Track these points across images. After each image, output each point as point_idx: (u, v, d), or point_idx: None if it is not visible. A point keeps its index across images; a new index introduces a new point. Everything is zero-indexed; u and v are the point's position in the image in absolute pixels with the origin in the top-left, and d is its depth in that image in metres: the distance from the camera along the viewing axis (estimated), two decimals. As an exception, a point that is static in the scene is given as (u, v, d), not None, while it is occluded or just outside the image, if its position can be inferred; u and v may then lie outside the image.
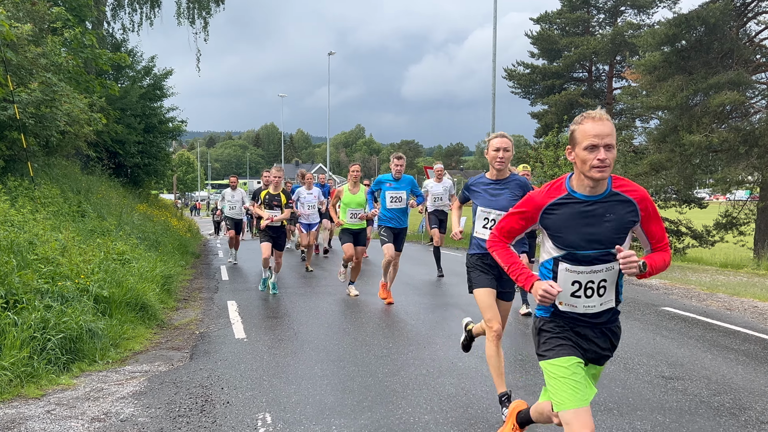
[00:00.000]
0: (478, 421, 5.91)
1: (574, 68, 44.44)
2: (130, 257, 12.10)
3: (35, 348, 7.15)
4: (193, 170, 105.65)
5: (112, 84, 22.41)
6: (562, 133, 33.42)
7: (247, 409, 6.26)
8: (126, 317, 9.47)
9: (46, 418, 5.92)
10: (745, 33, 27.23)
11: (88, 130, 16.65)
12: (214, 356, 8.32)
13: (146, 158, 29.48)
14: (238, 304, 11.95)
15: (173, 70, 31.79)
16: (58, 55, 16.06)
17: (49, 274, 8.65)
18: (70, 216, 13.42)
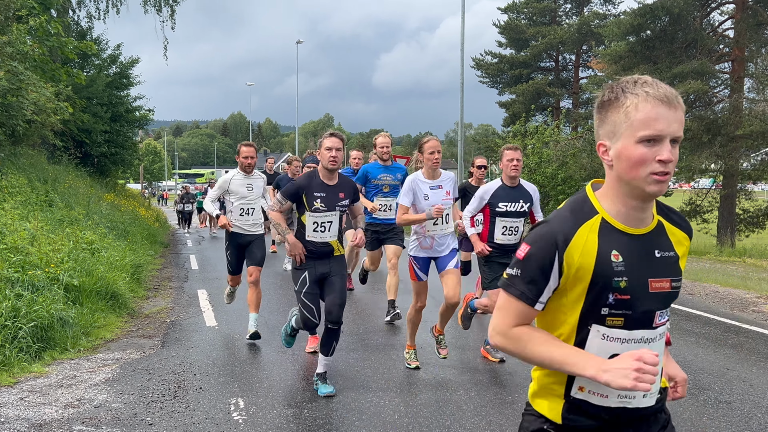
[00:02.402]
0: (447, 402, 6.06)
1: (541, 58, 44.78)
2: (99, 246, 12.08)
3: (7, 336, 7.17)
4: (159, 160, 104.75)
5: (78, 72, 22.24)
6: (530, 123, 33.73)
7: (219, 394, 6.36)
8: (96, 306, 9.48)
9: (20, 405, 5.97)
10: (709, 23, 27.67)
11: (55, 119, 16.54)
12: (185, 344, 8.39)
13: (113, 147, 29.20)
14: (208, 293, 12.00)
15: (140, 59, 31.47)
16: (23, 43, 15.89)
17: (19, 263, 8.64)
18: (38, 205, 13.34)
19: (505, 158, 7.22)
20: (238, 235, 8.47)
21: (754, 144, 25.09)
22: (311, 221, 6.25)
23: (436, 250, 6.87)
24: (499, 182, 7.35)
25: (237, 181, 8.43)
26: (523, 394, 6.36)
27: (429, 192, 6.74)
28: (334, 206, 6.33)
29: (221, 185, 8.52)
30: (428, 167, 6.80)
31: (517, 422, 5.58)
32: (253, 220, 8.49)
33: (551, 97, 43.16)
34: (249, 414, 5.79)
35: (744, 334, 9.08)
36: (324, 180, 6.34)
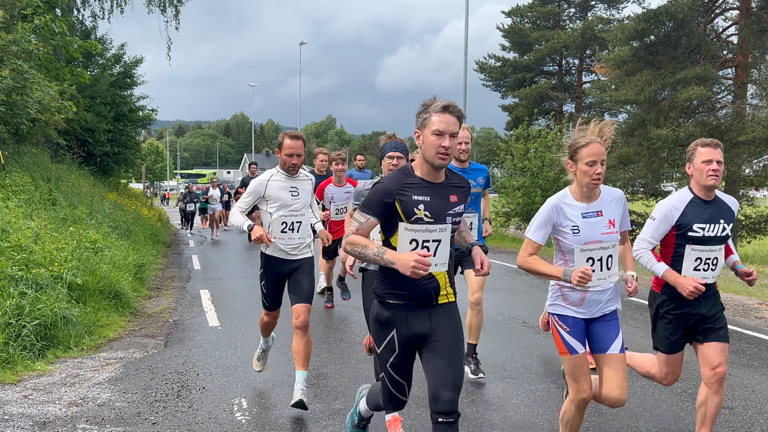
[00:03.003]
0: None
1: (545, 62, 44.81)
2: (102, 246, 12.09)
3: (10, 334, 7.19)
4: (162, 159, 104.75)
5: (82, 72, 22.24)
6: (533, 126, 33.74)
7: (222, 394, 6.37)
8: (100, 305, 9.50)
9: (23, 403, 5.99)
10: (713, 29, 27.71)
11: (59, 118, 16.55)
12: (188, 344, 8.40)
13: (116, 147, 29.22)
14: (210, 293, 12.01)
15: (143, 58, 31.51)
16: (28, 42, 15.91)
17: (23, 261, 8.66)
18: (42, 204, 13.36)
19: (700, 158, 4.85)
20: (277, 260, 6.16)
21: (757, 150, 25.13)
22: (407, 238, 3.88)
23: (588, 309, 4.54)
24: (688, 194, 4.95)
25: (277, 184, 6.10)
26: (524, 398, 6.37)
27: (581, 222, 4.46)
28: (444, 216, 3.92)
29: (256, 189, 6.11)
30: (585, 184, 4.52)
31: (520, 426, 5.59)
32: (300, 238, 6.17)
33: (554, 101, 43.22)
34: (252, 414, 5.81)
35: (746, 340, 9.09)
36: (426, 177, 3.95)
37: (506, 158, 30.80)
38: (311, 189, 6.40)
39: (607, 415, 5.85)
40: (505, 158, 30.90)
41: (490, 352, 7.97)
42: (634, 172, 27.96)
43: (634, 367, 5.30)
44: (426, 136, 3.84)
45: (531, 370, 7.31)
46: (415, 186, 3.89)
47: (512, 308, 10.84)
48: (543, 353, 8.01)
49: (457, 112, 3.89)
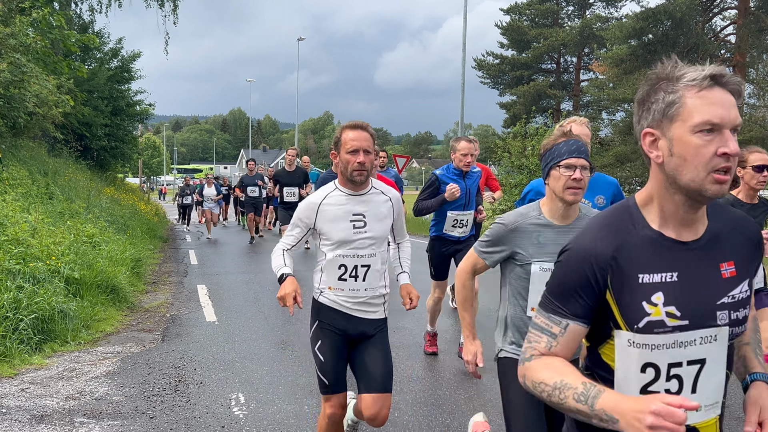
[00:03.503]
0: (446, 401, 6.09)
1: (543, 59, 44.83)
2: (99, 240, 12.09)
3: (8, 328, 7.18)
4: (158, 154, 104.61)
5: (79, 65, 22.19)
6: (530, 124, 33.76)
7: (220, 389, 6.38)
8: (97, 299, 9.49)
9: (21, 396, 5.99)
10: (711, 28, 27.75)
11: (56, 111, 16.52)
12: (185, 338, 8.40)
13: (113, 141, 29.18)
14: (208, 288, 12.01)
15: (141, 53, 31.46)
16: (26, 35, 15.87)
17: (20, 255, 8.65)
18: (39, 198, 13.35)
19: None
20: (337, 314, 4.19)
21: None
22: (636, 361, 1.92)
23: None
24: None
25: (333, 210, 4.10)
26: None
27: None
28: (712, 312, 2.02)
29: (303, 216, 4.18)
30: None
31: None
32: (368, 290, 4.16)
33: (552, 99, 43.21)
34: (250, 409, 5.81)
35: (742, 338, 9.12)
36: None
37: (503, 156, 30.79)
38: (390, 211, 4.22)
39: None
40: (503, 156, 30.89)
41: (486, 348, 7.96)
42: (631, 170, 27.99)
43: None
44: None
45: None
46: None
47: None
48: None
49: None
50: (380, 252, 4.16)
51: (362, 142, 4.01)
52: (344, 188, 4.13)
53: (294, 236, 4.28)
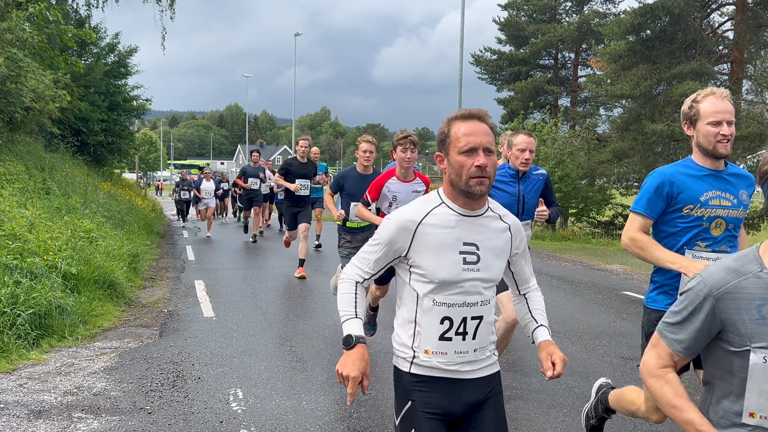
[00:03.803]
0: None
1: (541, 55, 44.73)
2: (96, 235, 12.06)
3: (5, 323, 7.16)
4: (155, 150, 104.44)
5: (76, 60, 22.12)
6: (528, 120, 33.73)
7: (218, 384, 6.36)
8: (94, 294, 9.47)
9: (18, 391, 5.97)
10: (709, 24, 27.72)
11: (53, 106, 16.47)
12: (183, 334, 8.39)
13: (110, 136, 29.12)
14: (205, 284, 11.99)
15: (138, 48, 31.36)
16: (22, 30, 15.82)
17: (18, 250, 8.62)
18: (36, 193, 13.31)
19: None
20: (435, 386, 2.94)
21: (752, 146, 25.16)
22: None
23: None
24: None
25: (440, 233, 2.88)
26: (519, 390, 6.37)
27: None
28: None
29: (393, 238, 2.92)
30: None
31: (514, 418, 5.60)
32: (479, 349, 3.00)
33: (550, 95, 43.15)
34: (248, 405, 5.80)
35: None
36: None
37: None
38: (507, 245, 3.04)
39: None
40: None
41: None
42: (629, 166, 27.98)
43: None
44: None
45: (525, 363, 7.31)
46: None
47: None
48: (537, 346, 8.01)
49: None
50: (493, 298, 3.00)
51: (481, 138, 2.81)
52: (454, 204, 2.88)
53: (374, 262, 2.95)
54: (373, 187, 7.04)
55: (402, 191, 7.06)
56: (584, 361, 7.43)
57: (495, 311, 3.07)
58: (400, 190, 7.07)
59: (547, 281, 12.85)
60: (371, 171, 8.00)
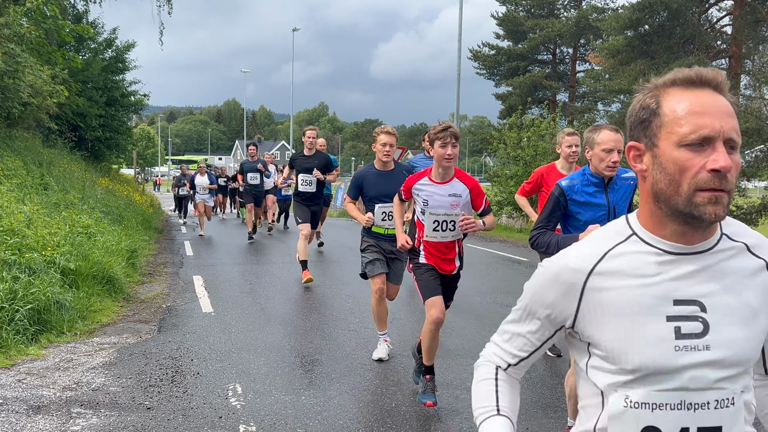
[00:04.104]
0: (443, 391, 6.08)
1: (539, 50, 44.77)
2: (94, 231, 12.05)
3: (4, 318, 7.16)
4: (153, 145, 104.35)
5: (74, 56, 22.07)
6: (526, 115, 33.72)
7: (217, 380, 6.36)
8: (93, 290, 9.47)
9: (17, 387, 5.97)
10: (707, 19, 27.72)
11: (51, 102, 16.45)
12: (182, 329, 8.39)
13: (108, 132, 29.12)
14: (203, 279, 11.99)
15: (136, 43, 31.35)
16: (20, 25, 15.79)
17: (16, 245, 8.62)
18: (34, 189, 13.30)
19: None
20: None
21: (749, 141, 25.17)
22: None
23: None
24: None
25: (634, 289, 1.68)
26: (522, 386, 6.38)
27: None
28: None
29: (555, 298, 1.78)
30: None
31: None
32: None
33: (548, 90, 43.20)
34: (247, 400, 5.80)
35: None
36: None
37: (499, 147, 30.77)
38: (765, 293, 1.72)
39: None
40: (498, 147, 30.87)
41: (484, 341, 7.96)
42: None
43: None
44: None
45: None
46: None
47: (505, 296, 10.85)
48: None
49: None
50: (740, 394, 1.66)
51: (720, 121, 1.68)
52: (657, 236, 1.71)
53: (522, 339, 1.90)
54: (404, 188, 5.91)
55: (435, 195, 5.65)
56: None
57: None
58: (433, 193, 5.66)
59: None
60: (392, 167, 7.04)
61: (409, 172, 6.62)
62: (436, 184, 5.63)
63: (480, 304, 10.20)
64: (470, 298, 10.55)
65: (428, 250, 5.77)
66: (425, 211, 5.66)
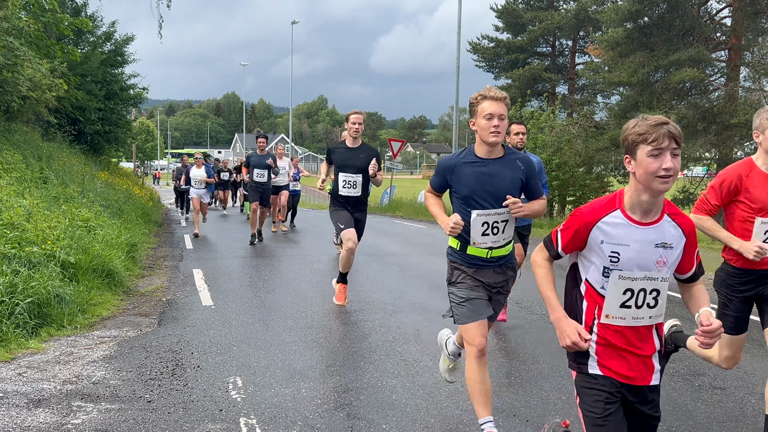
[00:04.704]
0: (443, 385, 6.09)
1: (538, 43, 44.63)
2: (94, 224, 12.05)
3: (4, 312, 7.16)
4: (152, 139, 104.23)
5: (73, 49, 22.06)
6: (525, 108, 33.69)
7: (217, 372, 6.38)
8: (93, 283, 9.47)
9: (18, 380, 5.98)
10: (706, 11, 27.64)
11: (50, 95, 16.44)
12: (182, 323, 8.39)
13: (107, 125, 29.09)
14: (203, 272, 11.99)
15: (135, 36, 31.28)
16: (18, 19, 15.76)
17: (16, 239, 8.62)
18: (33, 182, 13.29)
19: None
20: None
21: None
22: None
23: None
24: None
25: None
26: (521, 379, 6.39)
27: None
28: None
29: None
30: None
31: (513, 406, 5.63)
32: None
33: (547, 83, 43.08)
34: (247, 393, 5.81)
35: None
36: None
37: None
38: None
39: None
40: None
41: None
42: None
43: None
44: None
45: (524, 351, 7.34)
46: None
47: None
48: (536, 333, 8.04)
49: None
50: None
51: None
52: None
53: None
54: (578, 225, 3.39)
55: (634, 245, 3.28)
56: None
57: None
58: (631, 241, 3.32)
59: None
60: None
61: (525, 163, 4.82)
62: (636, 225, 3.23)
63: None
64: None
65: (605, 345, 3.32)
66: (610, 274, 3.27)
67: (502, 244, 4.79)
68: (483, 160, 4.71)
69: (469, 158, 4.73)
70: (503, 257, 4.87)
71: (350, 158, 8.96)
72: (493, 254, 4.79)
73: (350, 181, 8.97)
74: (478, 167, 4.69)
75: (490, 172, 4.68)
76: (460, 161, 4.77)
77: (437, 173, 4.94)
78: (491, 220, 4.69)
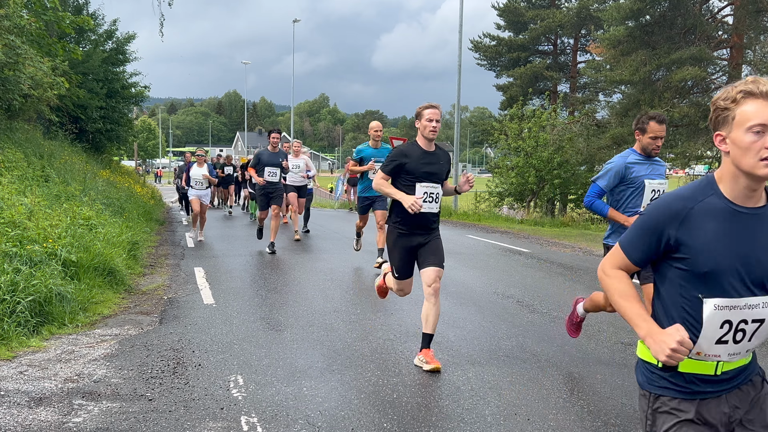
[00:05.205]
0: (444, 383, 6.09)
1: (540, 41, 44.61)
2: (96, 222, 12.05)
3: (5, 310, 7.17)
4: (154, 137, 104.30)
5: (74, 47, 22.05)
6: (527, 106, 33.69)
7: (219, 371, 6.37)
8: (94, 282, 9.48)
9: (19, 379, 5.98)
10: (708, 9, 27.62)
11: (51, 94, 16.44)
12: (183, 321, 8.40)
13: (108, 124, 29.13)
14: (205, 271, 12.00)
15: (136, 34, 31.33)
16: (20, 17, 15.76)
17: (17, 237, 8.63)
18: (35, 180, 13.30)
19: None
20: None
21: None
22: None
23: None
24: None
25: None
26: (520, 377, 6.39)
27: None
28: None
29: None
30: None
31: (515, 404, 5.62)
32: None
33: (549, 81, 43.07)
34: (248, 391, 5.81)
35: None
36: None
37: (500, 138, 30.76)
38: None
39: (601, 394, 5.89)
40: (499, 138, 30.86)
41: (485, 332, 8.00)
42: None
43: None
44: None
45: (525, 349, 7.33)
46: None
47: (506, 287, 10.86)
48: (538, 332, 8.04)
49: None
50: None
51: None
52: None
53: None
54: None
55: None
56: (584, 346, 7.45)
57: None
58: None
59: (546, 267, 12.86)
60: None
61: None
62: None
63: (481, 295, 10.21)
64: (471, 289, 10.57)
65: None
66: None
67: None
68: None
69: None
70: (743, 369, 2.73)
71: (430, 164, 6.61)
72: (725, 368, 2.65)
73: (433, 194, 6.61)
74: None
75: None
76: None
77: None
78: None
